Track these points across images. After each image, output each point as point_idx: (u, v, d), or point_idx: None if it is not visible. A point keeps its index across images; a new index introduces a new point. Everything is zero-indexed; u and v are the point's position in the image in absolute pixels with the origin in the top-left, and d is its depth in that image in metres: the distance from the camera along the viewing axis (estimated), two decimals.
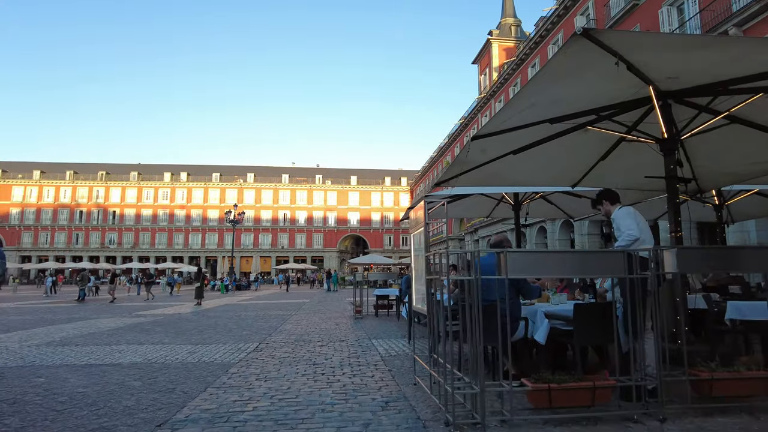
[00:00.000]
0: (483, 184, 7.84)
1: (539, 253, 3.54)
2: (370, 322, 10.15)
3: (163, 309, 15.26)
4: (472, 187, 8.48)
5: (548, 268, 2.96)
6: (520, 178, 7.55)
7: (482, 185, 7.97)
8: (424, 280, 3.65)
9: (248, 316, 12.22)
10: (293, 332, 8.40)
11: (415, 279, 4.04)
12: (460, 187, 8.12)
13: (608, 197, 4.01)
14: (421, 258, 3.72)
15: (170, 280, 32.15)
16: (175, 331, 8.73)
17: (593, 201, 4.10)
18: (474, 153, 5.43)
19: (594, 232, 25.20)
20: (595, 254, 3.28)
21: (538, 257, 3.14)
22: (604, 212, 4.04)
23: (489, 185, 8.01)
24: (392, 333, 8.09)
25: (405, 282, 9.78)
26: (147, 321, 10.90)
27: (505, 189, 8.71)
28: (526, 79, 32.62)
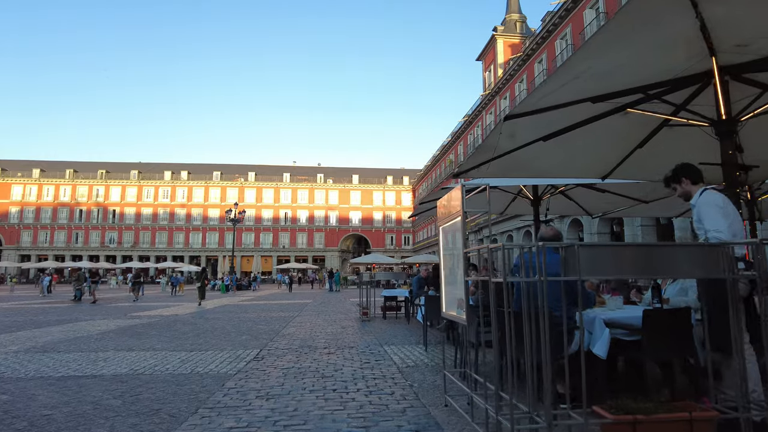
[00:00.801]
0: (503, 175, 7.22)
1: (619, 248, 2.86)
2: (378, 325, 9.51)
3: (160, 310, 14.64)
4: (491, 178, 7.84)
5: (628, 265, 2.32)
6: (545, 169, 6.91)
7: (502, 176, 7.34)
8: (459, 281, 3.00)
9: (249, 318, 11.59)
10: (297, 337, 7.75)
11: (446, 281, 3.39)
12: (479, 179, 7.50)
13: (689, 174, 3.23)
14: (455, 256, 3.08)
15: (173, 279, 31.44)
16: (170, 335, 8.09)
17: (668, 178, 3.34)
18: (503, 137, 4.79)
19: (603, 231, 24.55)
20: (686, 249, 2.61)
21: (616, 252, 2.49)
22: (680, 193, 3.30)
23: (510, 176, 7.39)
24: (404, 338, 7.43)
25: (416, 282, 9.14)
26: (141, 323, 10.27)
27: (525, 181, 8.02)
28: (532, 75, 31.99)
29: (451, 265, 3.23)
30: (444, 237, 3.49)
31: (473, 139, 43.78)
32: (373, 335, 7.85)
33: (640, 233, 20.79)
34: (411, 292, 9.95)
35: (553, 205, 9.56)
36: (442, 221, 3.49)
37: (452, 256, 3.20)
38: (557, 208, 10.28)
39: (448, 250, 3.32)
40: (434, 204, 9.43)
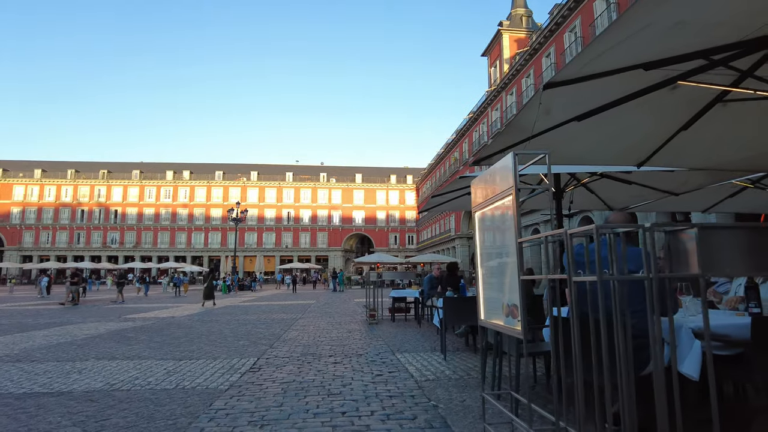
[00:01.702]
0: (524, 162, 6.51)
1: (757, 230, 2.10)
2: (387, 328, 8.81)
3: (157, 312, 13.99)
4: (540, 151, 7.10)
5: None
6: (576, 155, 6.20)
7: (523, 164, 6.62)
8: (509, 282, 2.30)
9: (248, 320, 10.90)
10: (299, 342, 7.06)
11: (486, 281, 2.68)
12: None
13: None
14: (504, 248, 2.37)
15: (176, 280, 30.75)
16: (161, 340, 7.41)
17: None
18: (540, 112, 4.08)
19: None
20: None
21: (754, 237, 1.77)
22: None
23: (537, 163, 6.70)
24: (418, 344, 6.73)
25: (428, 282, 8.44)
26: (134, 326, 9.60)
27: (565, 168, 7.28)
28: (540, 69, 31.23)
29: (496, 260, 2.53)
30: (482, 225, 2.78)
31: (478, 136, 43.02)
32: (382, 340, 7.15)
33: None
34: (422, 292, 9.25)
35: (579, 197, 8.86)
36: (479, 206, 2.78)
37: (497, 248, 2.49)
38: (577, 201, 9.52)
39: (490, 241, 2.61)
40: (447, 197, 8.73)
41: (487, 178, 2.67)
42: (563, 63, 27.58)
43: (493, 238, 2.57)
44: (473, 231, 2.89)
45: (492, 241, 2.60)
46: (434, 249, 54.91)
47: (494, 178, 2.51)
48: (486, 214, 2.67)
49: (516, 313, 2.20)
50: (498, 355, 3.53)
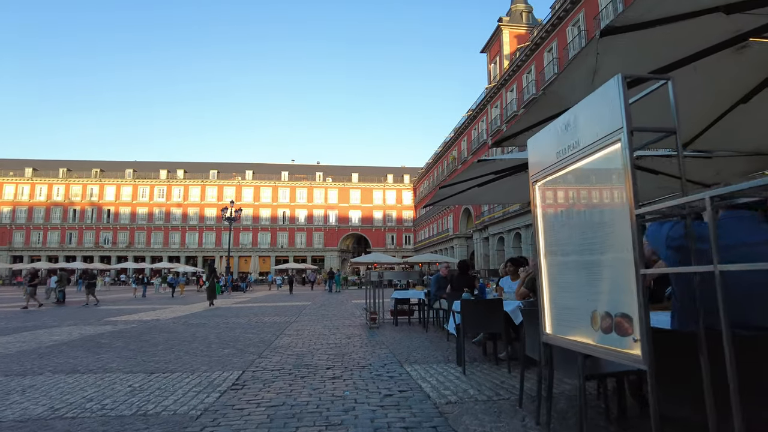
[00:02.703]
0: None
1: None
2: (390, 333, 7.97)
3: (143, 314, 13.11)
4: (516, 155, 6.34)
5: None
6: None
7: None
8: (604, 278, 1.49)
9: (238, 324, 10.06)
10: (292, 350, 6.23)
11: (555, 281, 1.88)
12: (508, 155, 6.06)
13: None
14: (609, 227, 1.56)
15: (172, 280, 29.62)
16: (136, 348, 6.57)
17: None
18: (593, 66, 3.28)
19: None
20: None
21: None
22: None
23: None
24: (427, 353, 5.90)
25: (435, 282, 7.62)
26: (112, 331, 8.74)
27: None
28: (541, 65, 30.52)
29: (578, 249, 1.71)
30: (549, 201, 1.97)
31: (477, 134, 42.28)
32: (386, 348, 6.32)
33: None
34: (428, 294, 8.44)
35: None
36: (543, 172, 1.97)
37: (582, 231, 1.68)
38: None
39: (568, 223, 1.80)
40: (458, 189, 7.89)
41: (559, 127, 1.85)
42: (566, 58, 26.86)
43: (576, 216, 1.76)
44: (534, 208, 2.08)
45: (571, 221, 1.79)
46: (432, 249, 54.13)
47: (575, 124, 1.70)
48: (559, 183, 1.86)
49: (628, 328, 1.39)
50: (548, 377, 2.72)
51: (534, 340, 3.30)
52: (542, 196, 2.00)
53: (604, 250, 1.53)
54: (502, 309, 4.60)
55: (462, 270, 7.10)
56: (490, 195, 9.37)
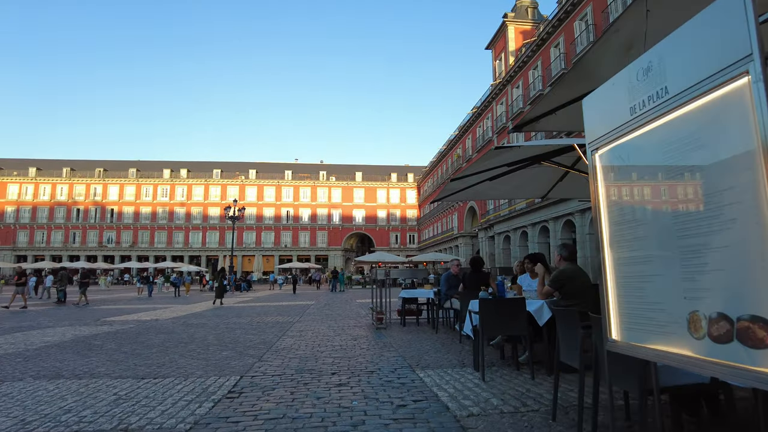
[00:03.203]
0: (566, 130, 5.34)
1: None
2: (398, 334, 7.56)
3: (142, 314, 12.76)
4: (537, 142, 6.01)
5: None
6: None
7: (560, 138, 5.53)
8: (715, 263, 1.07)
9: (239, 324, 9.68)
10: (295, 353, 5.83)
11: (626, 275, 1.46)
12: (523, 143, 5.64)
13: None
14: (735, 190, 1.15)
15: (176, 280, 29.20)
16: (129, 350, 6.19)
17: None
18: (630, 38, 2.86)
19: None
20: None
21: None
22: None
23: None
24: (440, 356, 5.49)
25: (445, 281, 7.20)
26: (107, 332, 8.38)
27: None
28: (548, 60, 30.02)
29: (668, 227, 1.29)
30: (619, 172, 1.55)
31: (482, 131, 41.80)
32: (395, 350, 5.91)
33: None
34: (437, 293, 8.02)
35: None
36: (613, 133, 1.55)
37: (680, 199, 1.26)
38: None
39: (644, 191, 1.38)
40: (469, 182, 7.47)
41: (634, 77, 1.43)
42: (573, 53, 26.36)
43: (663, 188, 1.34)
44: (594, 184, 1.67)
45: (656, 196, 1.37)
46: (436, 248, 53.67)
47: (660, 67, 1.27)
48: (635, 148, 1.44)
49: (765, 337, 0.98)
50: (607, 389, 2.30)
51: (570, 346, 2.88)
52: (607, 168, 1.58)
53: (717, 230, 1.12)
54: (525, 309, 4.18)
55: (475, 267, 6.68)
56: (501, 190, 8.92)
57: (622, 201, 1.53)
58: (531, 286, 5.24)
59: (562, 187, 8.32)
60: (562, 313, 3.02)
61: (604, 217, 1.60)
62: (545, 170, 7.39)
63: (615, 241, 1.54)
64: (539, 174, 7.69)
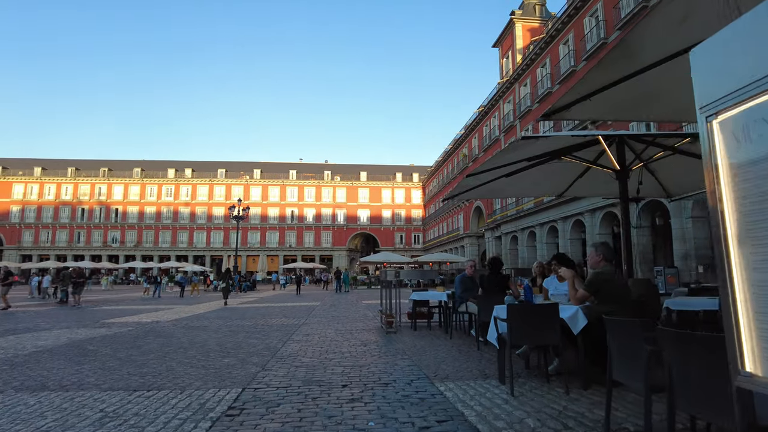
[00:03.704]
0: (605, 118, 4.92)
1: None
2: (409, 339, 7.13)
3: (144, 315, 12.42)
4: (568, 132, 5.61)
5: None
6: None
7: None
8: None
9: (243, 327, 9.29)
10: (301, 360, 5.42)
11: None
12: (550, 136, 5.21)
13: None
14: None
15: (182, 279, 28.80)
16: (125, 357, 5.80)
17: None
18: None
19: (645, 224, 21.94)
20: None
21: None
22: None
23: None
24: (459, 365, 5.06)
25: (460, 283, 6.77)
26: (105, 335, 8.00)
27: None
28: (556, 57, 29.50)
29: None
30: (739, 142, 1.13)
31: (489, 130, 41.30)
32: (409, 358, 5.48)
33: (690, 226, 18.26)
34: (451, 295, 7.58)
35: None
36: (741, 92, 1.12)
37: None
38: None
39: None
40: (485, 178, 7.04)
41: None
42: (583, 50, 25.85)
43: None
44: (711, 162, 1.24)
45: None
46: (442, 248, 53.18)
47: None
48: None
49: None
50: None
51: (624, 361, 2.45)
52: (734, 138, 1.16)
53: None
54: (558, 316, 3.75)
55: (493, 269, 6.24)
56: (518, 187, 8.48)
57: (756, 181, 1.11)
58: (558, 289, 4.81)
59: (581, 184, 7.88)
60: (617, 324, 2.59)
61: (729, 206, 1.18)
62: (565, 166, 6.95)
63: (749, 238, 1.12)
64: (559, 170, 7.25)
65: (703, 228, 18.38)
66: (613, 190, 7.44)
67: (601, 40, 24.09)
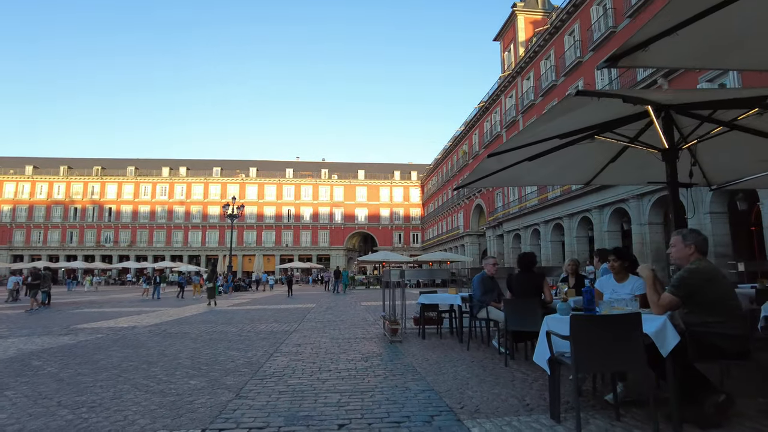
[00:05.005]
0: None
1: None
2: (418, 350, 6.02)
3: (123, 319, 11.30)
4: None
5: None
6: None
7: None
8: None
9: (226, 334, 8.17)
10: (286, 383, 4.32)
11: None
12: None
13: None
14: None
15: (181, 279, 27.60)
16: (69, 376, 4.68)
17: None
18: None
19: (655, 221, 20.90)
20: None
21: None
22: None
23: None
24: (488, 388, 3.96)
25: (479, 284, 5.68)
26: (61, 346, 6.88)
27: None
28: (561, 49, 28.48)
29: None
30: None
31: (490, 126, 40.27)
32: (423, 379, 4.37)
33: (708, 222, 17.21)
34: (467, 299, 6.48)
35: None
36: None
37: None
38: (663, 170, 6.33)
39: None
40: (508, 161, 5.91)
41: None
42: (590, 40, 24.80)
43: None
44: None
45: None
46: (441, 248, 52.13)
47: None
48: None
49: None
50: None
51: None
52: None
53: None
54: (642, 330, 2.66)
55: (525, 267, 5.13)
56: (540, 174, 7.30)
57: None
58: (617, 292, 3.71)
59: (613, 169, 6.77)
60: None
61: None
62: (598, 147, 5.85)
63: None
64: (590, 152, 6.13)
65: (722, 224, 17.34)
66: (650, 175, 6.33)
67: (609, 29, 23.04)
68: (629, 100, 3.93)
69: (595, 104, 4.33)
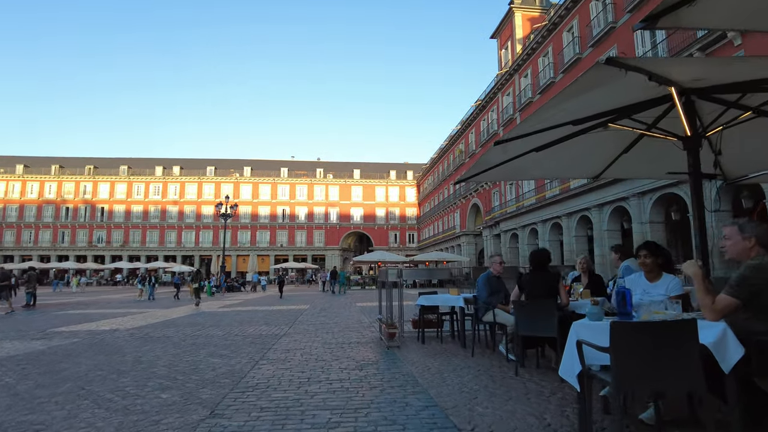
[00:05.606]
0: None
1: None
2: (418, 357, 5.52)
3: (107, 321, 10.73)
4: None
5: None
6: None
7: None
8: None
9: (211, 338, 7.63)
10: (269, 397, 3.80)
11: None
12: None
13: None
14: None
15: (176, 280, 27.02)
16: (25, 389, 4.14)
17: None
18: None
19: (657, 220, 20.49)
20: None
21: None
22: None
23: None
24: (500, 404, 3.46)
25: (485, 284, 5.18)
26: (27, 352, 6.33)
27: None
28: (560, 46, 28.07)
29: None
30: None
31: (487, 125, 39.86)
32: (425, 392, 3.86)
33: (714, 222, 16.81)
34: (471, 300, 5.97)
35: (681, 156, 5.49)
36: None
37: None
38: (679, 162, 5.77)
39: None
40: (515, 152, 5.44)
41: None
42: (589, 36, 24.42)
43: None
44: None
45: None
46: (437, 247, 51.68)
47: None
48: None
49: None
50: None
51: None
52: None
53: None
54: (698, 341, 2.16)
55: (538, 265, 4.62)
56: (546, 167, 6.76)
57: None
58: (649, 293, 3.21)
59: (625, 161, 6.27)
60: None
61: None
62: (610, 137, 5.35)
63: None
64: (601, 142, 5.62)
65: (726, 222, 16.99)
66: (666, 166, 5.81)
67: (609, 25, 22.66)
68: (655, 78, 3.39)
69: (613, 86, 3.79)
